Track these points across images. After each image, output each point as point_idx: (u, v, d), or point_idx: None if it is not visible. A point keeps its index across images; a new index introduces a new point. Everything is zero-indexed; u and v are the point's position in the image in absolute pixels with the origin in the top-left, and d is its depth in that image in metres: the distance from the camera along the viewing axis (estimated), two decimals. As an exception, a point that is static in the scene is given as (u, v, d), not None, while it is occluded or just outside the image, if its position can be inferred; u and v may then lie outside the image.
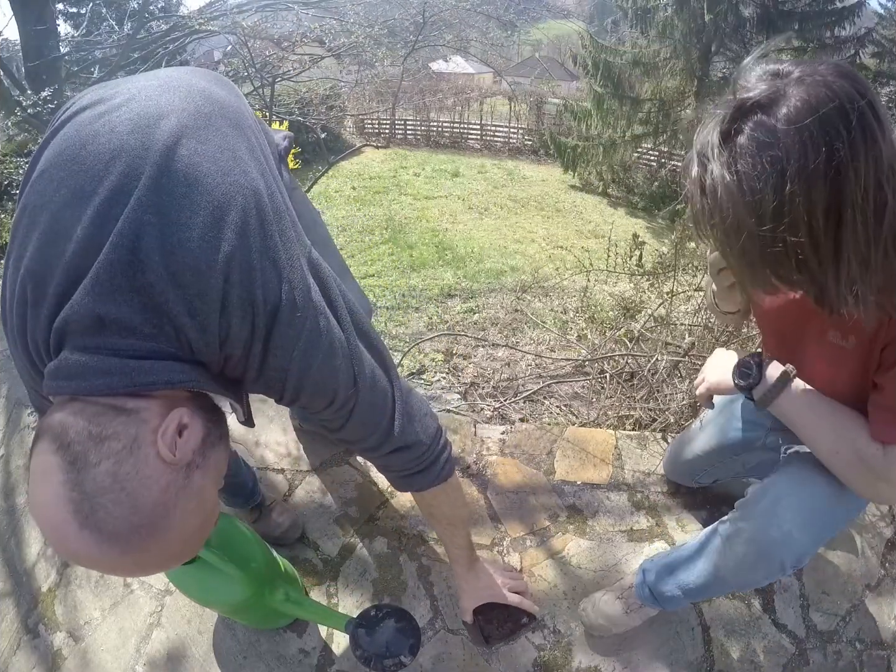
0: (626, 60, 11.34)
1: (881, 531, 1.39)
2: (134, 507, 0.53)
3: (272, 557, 1.11)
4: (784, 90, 0.52)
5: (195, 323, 0.58)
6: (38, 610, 1.29)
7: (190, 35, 6.27)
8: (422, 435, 0.85)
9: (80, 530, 0.52)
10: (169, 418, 0.57)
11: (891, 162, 0.52)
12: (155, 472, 0.55)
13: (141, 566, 0.58)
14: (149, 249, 0.55)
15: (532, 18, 20.18)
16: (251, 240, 0.60)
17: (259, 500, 1.32)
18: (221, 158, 0.61)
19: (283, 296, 0.61)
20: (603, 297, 2.78)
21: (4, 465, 1.62)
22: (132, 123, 0.59)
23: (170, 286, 0.56)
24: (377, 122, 16.20)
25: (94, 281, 0.55)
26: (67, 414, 0.55)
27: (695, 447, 1.25)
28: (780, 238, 0.53)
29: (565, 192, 12.32)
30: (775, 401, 0.81)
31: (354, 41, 4.07)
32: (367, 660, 0.97)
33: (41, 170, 0.61)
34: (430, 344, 2.59)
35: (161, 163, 0.57)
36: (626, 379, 1.97)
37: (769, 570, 0.86)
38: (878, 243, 0.53)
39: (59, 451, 0.52)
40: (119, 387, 0.56)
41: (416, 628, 1.01)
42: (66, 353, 0.56)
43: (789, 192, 0.50)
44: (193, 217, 0.57)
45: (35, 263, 0.58)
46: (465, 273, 6.55)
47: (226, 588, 0.98)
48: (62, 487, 0.51)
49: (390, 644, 0.98)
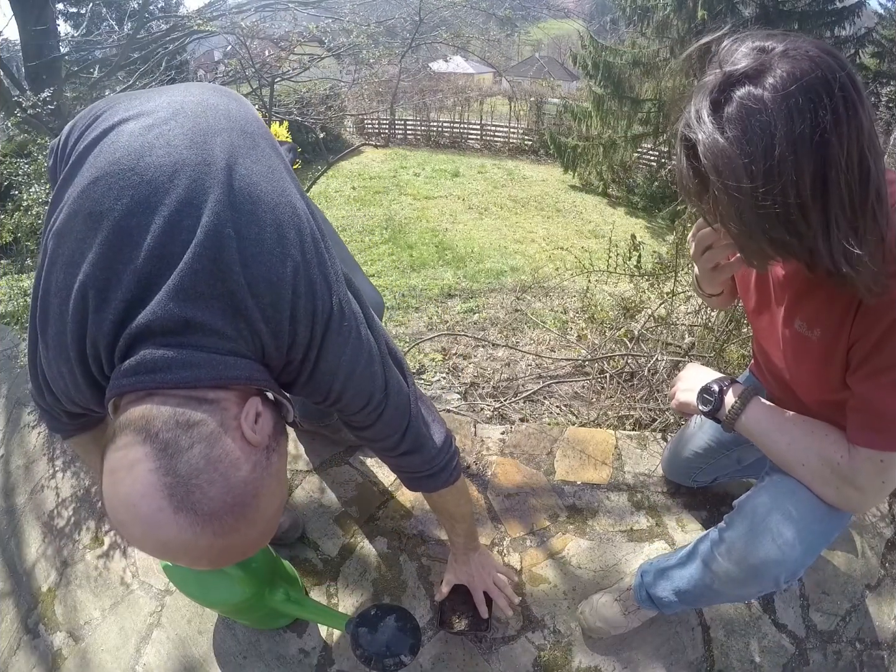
0: (626, 60, 11.33)
1: (881, 531, 1.39)
2: (227, 487, 0.55)
3: (273, 557, 1.10)
4: (770, 62, 0.54)
5: (269, 329, 0.62)
6: (38, 610, 1.29)
7: (189, 35, 6.27)
8: (435, 437, 0.90)
9: (176, 514, 0.52)
10: (248, 405, 0.60)
11: (870, 133, 0.54)
12: (243, 453, 0.57)
13: (226, 552, 0.58)
14: (230, 261, 0.59)
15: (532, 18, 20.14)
16: (308, 255, 0.65)
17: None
18: (273, 178, 0.67)
19: (333, 307, 0.67)
20: (603, 298, 2.78)
21: (4, 465, 1.62)
22: (187, 139, 0.63)
23: (248, 295, 0.60)
24: (377, 121, 16.19)
25: (177, 287, 0.58)
26: (148, 407, 0.56)
27: (690, 446, 1.25)
28: (771, 199, 0.54)
29: (565, 192, 12.32)
30: (737, 423, 0.84)
31: (353, 41, 4.07)
32: (367, 659, 0.97)
33: (95, 177, 0.62)
34: (429, 344, 2.59)
35: (225, 180, 0.62)
36: (626, 379, 1.97)
37: (762, 587, 0.86)
38: (864, 209, 0.55)
39: (147, 441, 0.53)
40: (206, 379, 0.58)
41: (417, 628, 1.01)
42: (147, 351, 0.57)
43: (779, 154, 0.52)
44: (262, 233, 0.62)
45: (98, 270, 0.59)
46: (465, 273, 6.55)
47: (227, 588, 0.98)
48: (154, 475, 0.52)
49: (391, 643, 0.98)
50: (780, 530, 0.80)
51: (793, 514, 0.81)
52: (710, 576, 0.91)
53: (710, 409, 0.87)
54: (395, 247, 7.88)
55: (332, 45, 4.75)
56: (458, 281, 5.98)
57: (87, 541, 1.39)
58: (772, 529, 0.81)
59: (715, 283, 0.93)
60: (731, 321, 1.88)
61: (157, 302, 0.58)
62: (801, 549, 0.80)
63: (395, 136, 16.23)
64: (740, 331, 1.90)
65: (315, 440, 1.55)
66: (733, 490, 1.42)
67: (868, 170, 0.54)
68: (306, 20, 5.22)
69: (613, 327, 2.32)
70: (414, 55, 8.72)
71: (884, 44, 11.98)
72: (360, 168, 12.85)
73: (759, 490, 0.89)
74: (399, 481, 1.46)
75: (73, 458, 1.57)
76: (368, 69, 5.23)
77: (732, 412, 0.84)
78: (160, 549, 0.55)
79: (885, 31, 12.15)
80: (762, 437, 0.83)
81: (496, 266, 7.02)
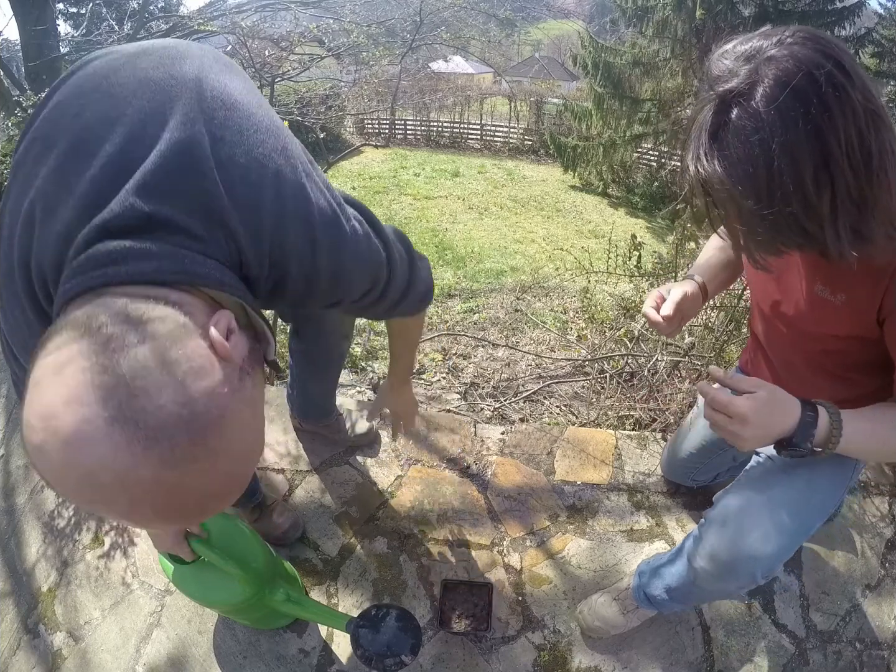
0: (626, 60, 11.34)
1: (881, 531, 1.39)
2: (184, 397, 0.41)
3: (273, 557, 1.11)
4: (757, 72, 0.55)
5: (247, 232, 0.55)
6: (38, 610, 1.29)
7: (190, 35, 6.27)
8: (423, 271, 0.86)
9: (110, 426, 0.38)
10: (218, 314, 0.50)
11: (867, 109, 0.55)
12: (208, 363, 0.44)
13: (178, 495, 0.42)
14: (202, 159, 0.53)
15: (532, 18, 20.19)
16: (294, 160, 0.61)
17: (260, 499, 1.32)
18: (249, 93, 0.62)
19: (329, 205, 0.63)
20: (603, 298, 2.78)
21: (4, 465, 1.62)
22: (154, 61, 0.59)
23: (223, 194, 0.53)
24: (377, 121, 16.19)
25: (140, 183, 0.50)
26: (94, 306, 0.44)
27: (685, 446, 1.26)
28: (778, 210, 0.56)
29: (565, 192, 12.32)
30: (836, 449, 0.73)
31: (354, 41, 4.07)
32: (368, 659, 0.97)
33: (56, 102, 0.58)
34: (429, 344, 2.59)
35: (195, 89, 0.57)
36: (626, 379, 1.97)
37: (741, 583, 0.86)
38: (870, 184, 0.56)
39: (86, 335, 0.41)
40: (168, 272, 0.48)
41: (417, 628, 1.01)
42: (99, 244, 0.49)
43: (778, 167, 0.54)
44: (238, 136, 0.56)
45: (49, 184, 0.53)
46: (465, 273, 6.55)
47: (227, 588, 0.98)
48: (85, 374, 0.39)
49: (391, 644, 0.98)
50: (753, 526, 0.81)
51: (766, 510, 0.82)
52: (693, 573, 0.91)
53: (803, 453, 0.72)
54: (395, 247, 7.88)
55: (332, 45, 4.75)
56: (458, 281, 5.98)
57: (87, 541, 1.39)
58: (744, 526, 0.82)
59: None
60: (731, 321, 1.88)
61: (116, 200, 0.50)
62: (776, 545, 0.80)
63: (395, 136, 16.23)
64: (740, 331, 1.90)
65: (315, 440, 1.55)
66: (733, 490, 1.42)
67: (869, 148, 0.55)
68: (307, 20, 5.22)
69: (613, 327, 2.32)
70: (414, 55, 8.72)
71: (884, 44, 11.98)
72: (360, 168, 12.85)
73: (734, 486, 0.90)
74: (399, 481, 1.46)
75: (73, 458, 1.57)
76: (368, 69, 5.23)
77: (831, 448, 0.71)
78: (86, 485, 0.40)
79: (885, 31, 12.15)
80: (857, 453, 0.77)
81: (496, 266, 7.02)
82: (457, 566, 1.30)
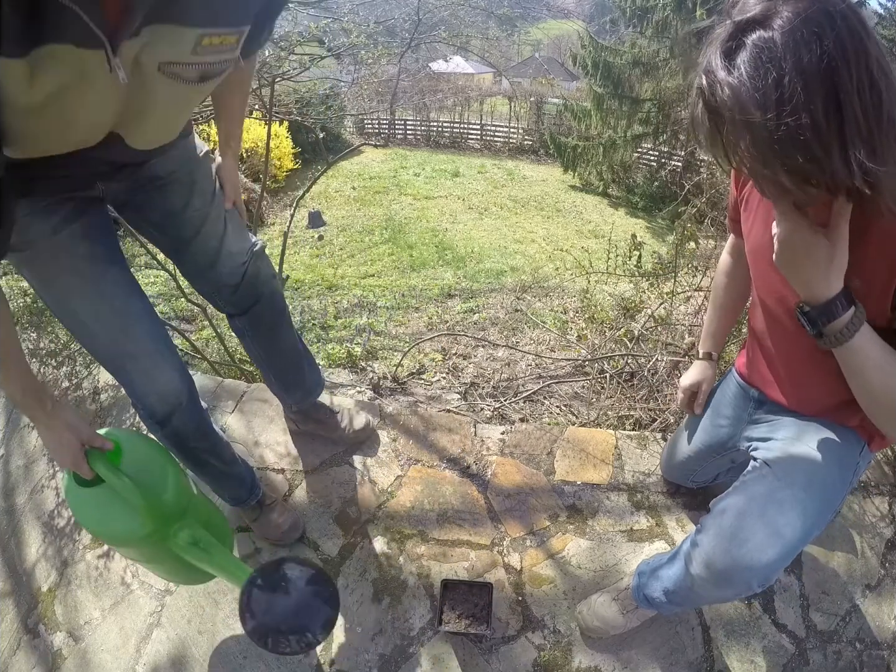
0: (626, 60, 11.35)
1: (881, 531, 1.39)
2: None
3: (189, 494, 0.96)
4: (775, 7, 0.57)
5: None
6: (38, 610, 1.29)
7: (190, 35, 6.29)
8: None
9: None
10: None
11: (879, 61, 0.56)
12: None
13: None
14: None
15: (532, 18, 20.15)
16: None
17: (260, 496, 1.32)
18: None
19: None
20: (603, 298, 2.79)
21: (4, 465, 1.62)
22: None
23: None
24: (377, 121, 16.20)
25: None
26: None
27: (683, 450, 1.25)
28: (785, 126, 0.56)
29: (565, 192, 12.33)
30: (845, 343, 0.72)
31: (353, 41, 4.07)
32: (261, 635, 0.74)
33: None
34: (429, 344, 2.59)
35: None
36: (626, 379, 1.97)
37: (737, 591, 0.85)
38: (880, 129, 0.56)
39: None
40: None
41: (335, 595, 0.78)
42: None
43: (788, 83, 0.55)
44: None
45: None
46: (465, 273, 6.56)
47: (124, 519, 0.84)
48: None
49: (298, 614, 0.74)
50: (749, 536, 0.80)
51: (762, 519, 0.81)
52: (690, 579, 0.91)
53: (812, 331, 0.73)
54: (395, 247, 7.88)
55: (331, 45, 4.74)
56: (458, 281, 5.98)
57: (87, 541, 1.39)
58: (739, 535, 0.81)
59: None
60: (731, 321, 1.88)
61: None
62: (772, 554, 0.79)
63: (395, 136, 16.24)
64: (740, 331, 1.90)
65: (315, 440, 1.55)
66: (733, 490, 1.42)
67: (880, 93, 0.56)
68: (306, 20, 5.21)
69: (613, 327, 2.33)
70: (414, 55, 8.72)
71: (884, 43, 11.97)
72: (360, 168, 12.86)
73: (731, 493, 0.88)
74: (399, 481, 1.46)
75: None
76: (368, 69, 5.22)
77: (840, 338, 0.71)
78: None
79: (885, 31, 12.14)
80: (853, 370, 0.74)
81: (496, 266, 7.03)
82: (457, 566, 1.30)
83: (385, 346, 2.75)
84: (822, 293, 0.69)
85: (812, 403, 0.94)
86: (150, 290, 4.15)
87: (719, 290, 1.19)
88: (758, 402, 1.04)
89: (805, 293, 0.71)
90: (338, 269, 6.62)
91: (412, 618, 1.22)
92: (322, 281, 5.68)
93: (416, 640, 1.19)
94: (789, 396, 0.97)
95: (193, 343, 2.13)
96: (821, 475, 0.85)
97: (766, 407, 1.02)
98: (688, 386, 1.22)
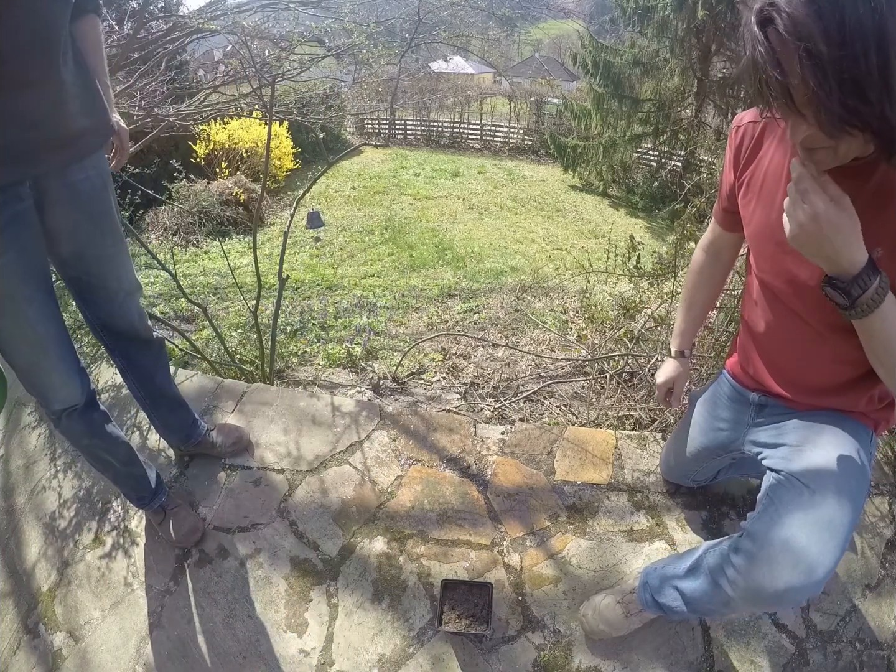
0: (626, 60, 11.34)
1: (881, 531, 1.39)
2: None
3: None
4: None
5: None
6: (38, 610, 1.29)
7: (190, 35, 6.28)
8: None
9: None
10: None
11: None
12: None
13: None
14: None
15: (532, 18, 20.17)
16: None
17: (163, 501, 1.37)
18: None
19: None
20: (603, 298, 2.79)
21: (4, 465, 1.62)
22: None
23: None
24: (377, 121, 16.20)
25: None
26: None
27: (684, 451, 1.25)
28: (847, 65, 0.57)
29: (565, 192, 12.32)
30: (870, 313, 0.72)
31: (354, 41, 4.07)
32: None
33: None
34: (429, 344, 2.59)
35: None
36: (626, 379, 1.97)
37: (783, 608, 0.86)
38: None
39: None
40: None
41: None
42: None
43: (849, 26, 0.56)
44: None
45: None
46: (465, 273, 6.55)
47: None
48: None
49: None
50: (800, 559, 0.80)
51: (810, 537, 0.81)
52: (725, 597, 0.90)
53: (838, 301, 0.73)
54: (396, 247, 7.88)
55: (331, 45, 4.74)
56: (458, 281, 5.98)
57: (87, 541, 1.39)
58: (790, 559, 0.81)
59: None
60: (730, 321, 1.88)
61: None
62: (822, 571, 0.79)
63: (395, 136, 16.24)
64: (740, 331, 1.90)
65: (315, 440, 1.55)
66: (733, 490, 1.42)
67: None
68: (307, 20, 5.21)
69: (613, 327, 2.33)
70: (414, 55, 8.71)
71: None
72: (360, 168, 12.85)
73: (767, 514, 0.87)
74: (399, 481, 1.46)
75: (75, 459, 1.57)
76: (368, 69, 5.22)
77: (868, 308, 0.71)
78: None
79: (885, 31, 12.15)
80: (877, 338, 0.74)
81: (496, 266, 7.02)
82: (457, 566, 1.30)
83: (385, 346, 2.75)
84: (853, 264, 0.69)
85: (813, 390, 0.93)
86: (151, 290, 4.15)
87: (691, 288, 1.20)
88: (759, 407, 1.04)
89: (832, 267, 0.71)
90: (338, 269, 6.62)
91: (412, 618, 1.22)
92: (322, 281, 5.68)
93: (416, 640, 1.19)
94: (789, 385, 0.96)
95: (193, 343, 2.13)
96: (848, 472, 0.86)
97: (767, 410, 1.02)
98: (661, 383, 1.24)
